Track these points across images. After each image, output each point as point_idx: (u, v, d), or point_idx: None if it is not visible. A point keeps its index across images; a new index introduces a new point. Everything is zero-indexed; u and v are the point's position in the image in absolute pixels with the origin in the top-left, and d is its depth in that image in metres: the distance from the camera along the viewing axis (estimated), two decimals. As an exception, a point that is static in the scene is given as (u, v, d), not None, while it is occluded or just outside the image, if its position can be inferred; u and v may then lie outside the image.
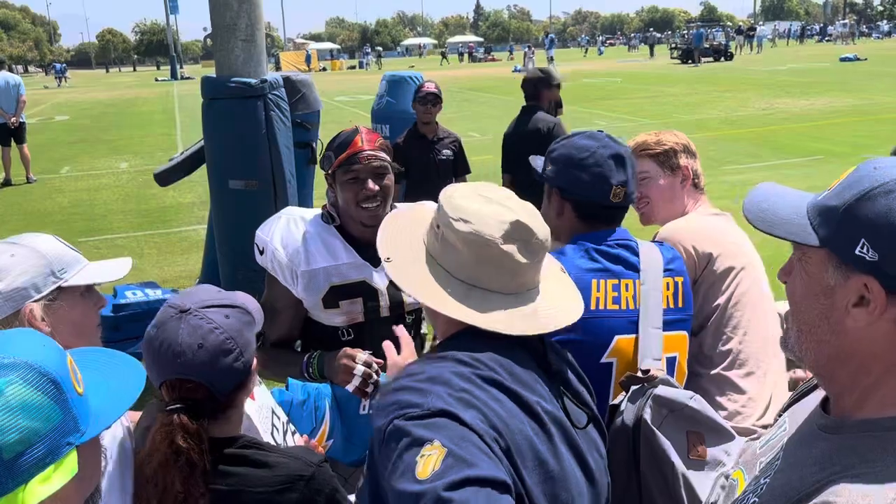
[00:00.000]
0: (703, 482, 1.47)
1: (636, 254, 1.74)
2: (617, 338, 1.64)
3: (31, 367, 0.90)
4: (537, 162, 1.91)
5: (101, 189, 11.49)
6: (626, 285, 1.68)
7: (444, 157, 5.40)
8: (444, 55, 64.60)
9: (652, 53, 48.85)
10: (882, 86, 21.81)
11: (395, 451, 1.03)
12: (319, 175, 2.25)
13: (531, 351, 1.26)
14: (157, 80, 48.12)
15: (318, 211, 2.27)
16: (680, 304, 1.74)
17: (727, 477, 1.47)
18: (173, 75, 49.01)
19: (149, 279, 6.04)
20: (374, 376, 1.71)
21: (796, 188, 1.06)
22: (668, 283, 1.74)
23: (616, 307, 1.65)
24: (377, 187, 2.12)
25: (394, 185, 2.20)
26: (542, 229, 1.29)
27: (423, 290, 1.26)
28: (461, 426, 1.04)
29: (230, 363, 1.37)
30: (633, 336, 1.65)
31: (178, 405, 1.33)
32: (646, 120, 16.52)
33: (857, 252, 0.90)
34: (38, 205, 10.40)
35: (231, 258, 4.29)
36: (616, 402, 1.59)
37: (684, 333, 1.76)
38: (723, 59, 39.97)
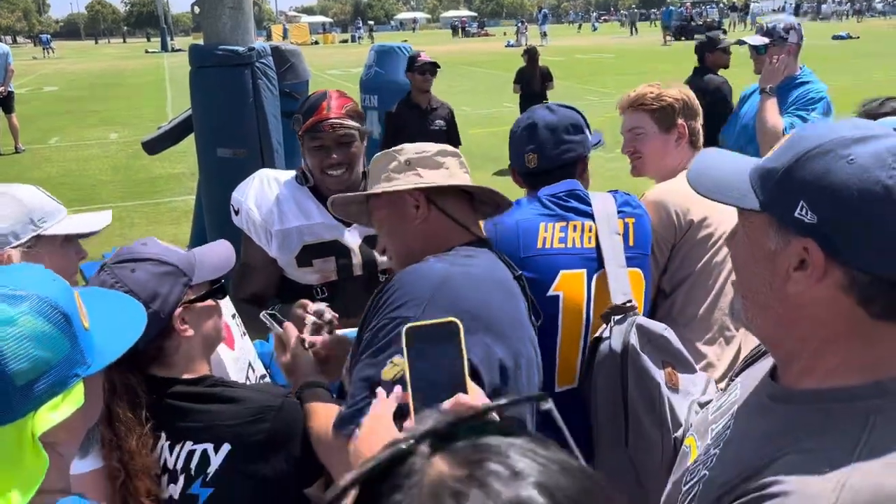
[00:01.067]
0: (681, 405, 1.61)
1: (586, 202, 1.86)
2: (562, 272, 1.77)
3: (43, 300, 0.94)
4: (598, 136, 2.10)
5: (90, 159, 11.46)
6: (574, 226, 1.81)
7: (436, 128, 5.44)
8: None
9: (633, 31, 47.58)
10: (872, 64, 21.83)
11: (383, 341, 1.32)
12: (301, 146, 2.29)
13: (504, 265, 1.55)
14: (147, 51, 47.61)
15: (293, 172, 2.31)
16: (631, 244, 1.86)
17: (700, 405, 1.58)
18: (164, 47, 48.47)
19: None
20: (327, 326, 1.76)
21: None
22: (620, 224, 1.86)
23: (562, 245, 1.78)
24: (340, 156, 2.14)
25: (362, 149, 2.23)
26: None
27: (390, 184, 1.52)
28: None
29: None
30: (580, 271, 1.78)
31: None
32: (637, 96, 16.49)
33: (796, 215, 0.88)
34: (26, 174, 10.37)
35: (219, 226, 4.32)
36: (598, 334, 1.71)
37: (638, 270, 1.86)
38: (716, 36, 39.78)
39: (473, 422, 0.57)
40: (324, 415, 1.37)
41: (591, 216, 1.84)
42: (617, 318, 1.68)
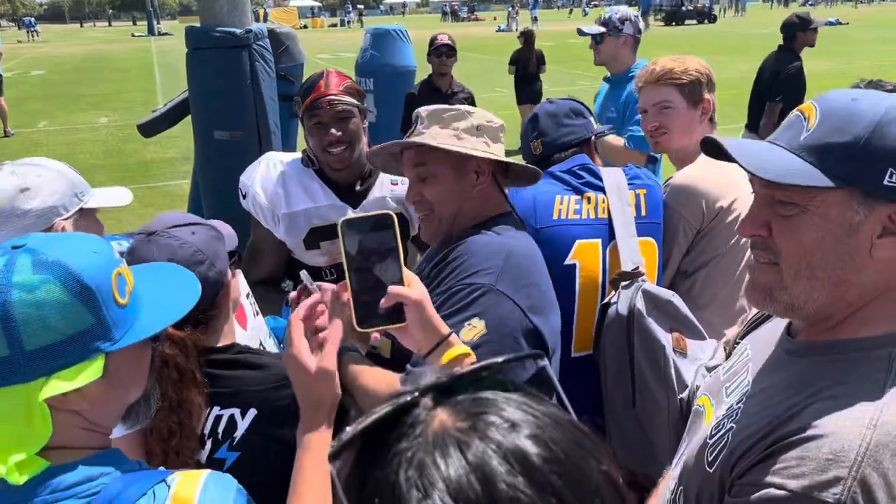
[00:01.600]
0: (688, 368, 1.66)
1: (597, 176, 1.93)
2: (578, 242, 1.84)
3: (68, 271, 0.94)
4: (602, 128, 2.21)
5: (80, 143, 11.39)
6: (588, 198, 1.89)
7: None
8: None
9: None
10: (860, 49, 21.93)
11: (460, 303, 1.40)
12: (303, 129, 2.31)
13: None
14: (133, 35, 47.08)
15: (298, 155, 2.32)
16: (643, 213, 1.92)
17: (708, 368, 1.64)
18: (150, 31, 47.94)
19: (130, 231, 6.07)
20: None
21: None
22: (631, 196, 1.93)
23: (577, 216, 1.86)
24: (339, 132, 2.13)
25: (362, 127, 2.22)
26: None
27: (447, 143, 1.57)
28: (514, 309, 1.43)
29: (204, 272, 1.43)
30: (595, 240, 1.85)
31: None
32: (628, 81, 16.53)
33: (886, 182, 0.90)
34: (16, 158, 10.28)
35: (216, 208, 4.34)
36: (606, 300, 1.78)
37: (651, 239, 1.92)
38: (706, 21, 39.84)
39: (473, 377, 0.61)
40: (376, 375, 1.36)
41: (602, 189, 1.90)
42: (624, 283, 1.74)
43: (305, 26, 54.13)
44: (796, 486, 0.85)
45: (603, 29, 3.69)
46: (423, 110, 1.63)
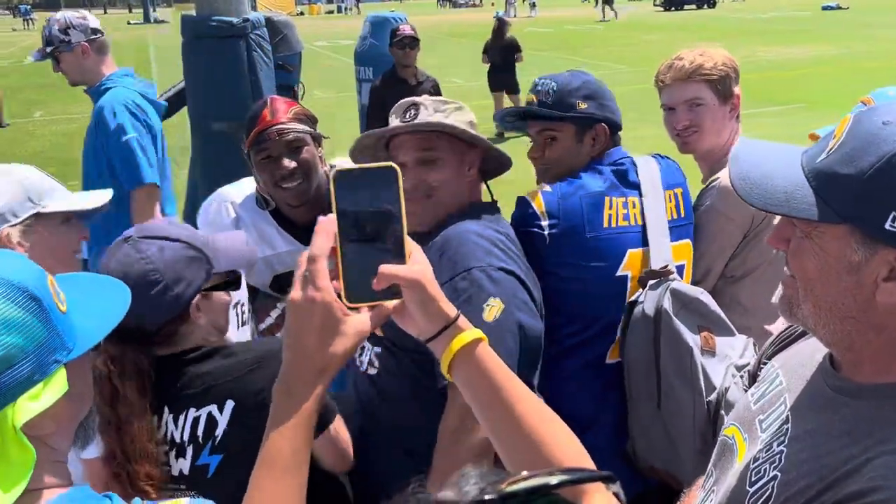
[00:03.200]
0: (715, 369, 1.62)
1: (635, 171, 1.85)
2: (629, 251, 1.76)
3: (11, 284, 0.89)
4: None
5: (76, 134, 11.28)
6: (633, 203, 1.81)
7: None
8: None
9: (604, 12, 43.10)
10: (861, 34, 21.82)
11: (469, 292, 1.49)
12: (250, 166, 2.11)
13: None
14: (129, 23, 46.80)
15: (252, 191, 2.11)
16: (682, 214, 1.87)
17: (738, 368, 1.58)
18: (146, 18, 47.66)
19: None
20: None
21: (776, 137, 0.97)
22: (669, 196, 1.86)
23: (626, 223, 1.78)
24: (293, 163, 1.93)
25: (317, 155, 2.02)
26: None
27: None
28: (515, 281, 1.55)
29: (156, 295, 1.36)
30: (642, 249, 1.78)
31: None
32: (624, 66, 16.43)
33: (887, 227, 0.81)
34: (12, 149, 10.23)
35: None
36: (633, 298, 1.73)
37: (688, 241, 1.87)
38: (706, 6, 39.64)
39: (525, 498, 0.53)
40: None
41: (636, 186, 1.83)
42: (652, 282, 1.70)
43: (302, 13, 53.79)
44: None
45: (48, 49, 3.25)
46: (424, 99, 1.70)
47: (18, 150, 10.16)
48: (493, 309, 1.47)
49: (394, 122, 1.70)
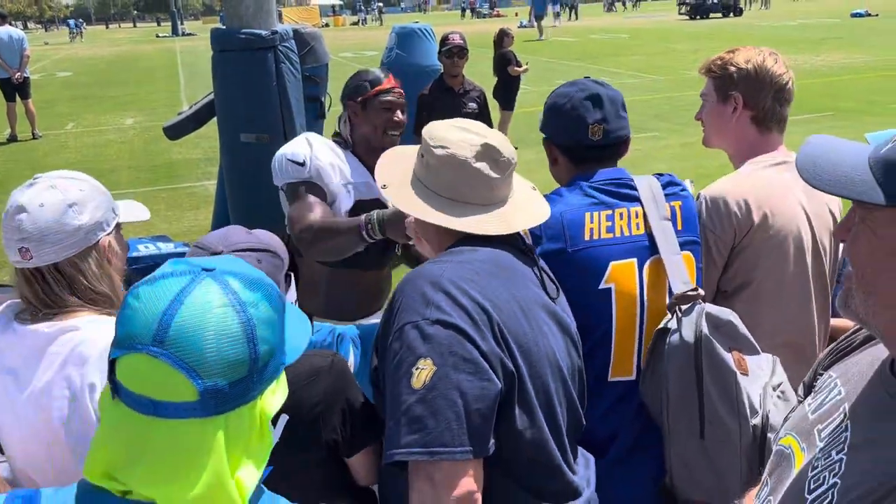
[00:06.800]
0: (753, 390, 1.58)
1: (632, 187, 1.80)
2: (612, 264, 1.72)
3: (272, 287, 0.98)
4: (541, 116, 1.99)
5: (107, 145, 11.48)
6: (620, 214, 1.75)
7: (469, 111, 5.39)
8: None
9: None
10: (892, 41, 21.49)
11: (400, 353, 1.28)
12: (328, 129, 2.45)
13: (513, 249, 1.52)
14: (158, 36, 47.57)
15: (325, 137, 2.52)
16: (679, 227, 1.80)
17: (774, 388, 1.55)
18: (174, 31, 48.40)
19: (159, 234, 6.08)
20: None
21: None
22: (666, 209, 1.81)
23: (610, 235, 1.73)
24: (404, 118, 2.44)
25: None
26: (507, 149, 1.53)
27: (411, 205, 1.51)
28: (454, 334, 1.28)
29: None
30: (630, 260, 1.73)
31: None
32: (651, 76, 16.34)
33: None
34: (44, 160, 10.40)
35: (244, 212, 4.32)
36: (663, 325, 1.68)
37: (689, 254, 1.80)
38: (732, 14, 39.33)
39: None
40: None
41: (637, 200, 1.78)
42: (684, 307, 1.64)
43: (327, 24, 54.29)
44: None
45: None
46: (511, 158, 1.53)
47: (52, 161, 10.34)
48: (422, 373, 1.24)
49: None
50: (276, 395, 0.97)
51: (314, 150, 2.37)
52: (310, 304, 2.45)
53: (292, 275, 1.59)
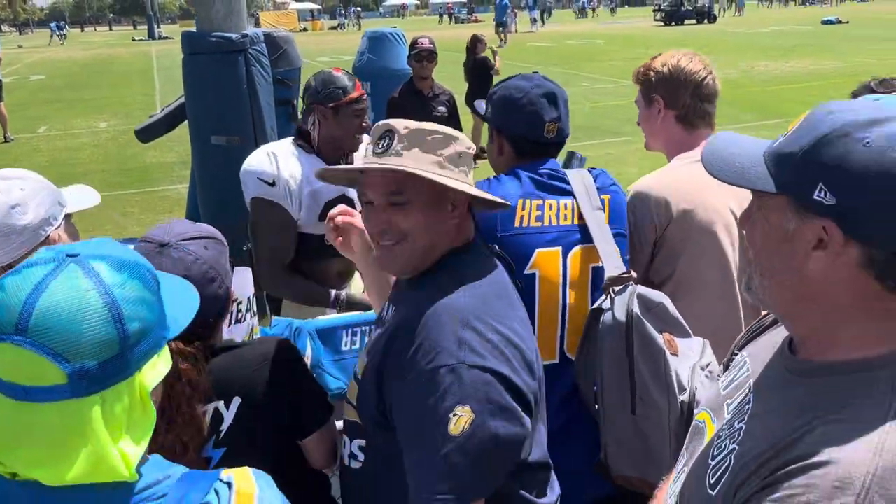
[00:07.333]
0: (682, 368, 1.65)
1: (565, 181, 1.88)
2: (538, 251, 1.80)
3: (143, 265, 1.01)
4: (481, 105, 2.06)
5: (80, 148, 11.39)
6: (550, 205, 1.83)
7: (438, 114, 5.46)
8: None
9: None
10: (861, 48, 21.92)
11: (434, 396, 1.27)
12: (325, 116, 2.56)
13: (493, 257, 1.53)
14: (134, 39, 47.19)
15: (288, 142, 2.63)
16: (606, 221, 1.88)
17: (702, 367, 1.62)
18: (151, 35, 48.05)
19: (131, 236, 6.07)
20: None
21: None
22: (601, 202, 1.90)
23: (538, 224, 1.81)
24: (370, 122, 2.57)
25: None
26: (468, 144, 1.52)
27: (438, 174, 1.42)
28: (492, 379, 1.28)
29: (214, 291, 1.45)
30: (555, 248, 1.81)
31: None
32: (627, 81, 16.52)
33: (815, 196, 0.90)
34: (16, 164, 10.21)
35: (214, 212, 4.33)
36: (597, 305, 1.75)
37: (616, 246, 1.87)
38: (706, 21, 39.84)
39: None
40: None
41: (570, 193, 1.86)
42: (617, 289, 1.72)
43: (305, 29, 54.14)
44: None
45: None
46: (400, 126, 1.43)
47: (24, 164, 10.13)
48: (460, 420, 1.24)
49: (367, 147, 1.49)
50: (156, 368, 0.99)
51: (280, 168, 2.51)
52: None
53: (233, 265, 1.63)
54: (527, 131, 1.90)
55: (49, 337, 0.88)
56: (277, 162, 2.52)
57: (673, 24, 39.07)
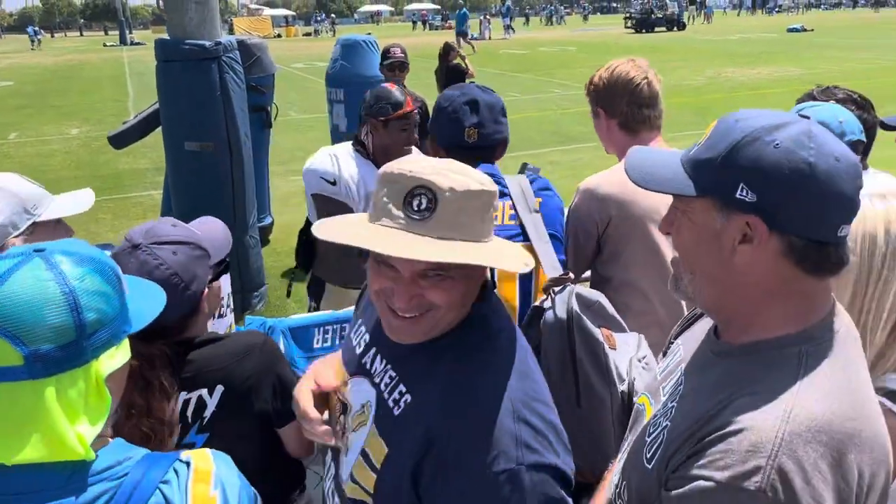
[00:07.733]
0: (621, 360, 1.76)
1: (502, 184, 1.99)
2: None
3: (105, 263, 1.08)
4: None
5: (51, 155, 11.32)
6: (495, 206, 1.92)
7: None
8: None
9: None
10: (824, 55, 22.43)
11: (499, 495, 1.16)
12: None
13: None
14: (105, 45, 46.67)
15: (348, 146, 2.96)
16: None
17: (639, 360, 1.73)
18: (122, 41, 47.57)
19: (105, 242, 6.08)
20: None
21: None
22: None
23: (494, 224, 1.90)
24: (416, 136, 2.96)
25: None
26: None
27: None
28: (548, 477, 1.19)
29: (177, 296, 1.49)
30: None
31: None
32: (598, 88, 16.74)
33: (737, 195, 1.01)
34: (-14, 171, 10.20)
35: (187, 217, 4.38)
36: (538, 303, 1.84)
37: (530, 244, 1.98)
38: (675, 28, 40.43)
39: None
40: None
41: (507, 195, 1.97)
42: (556, 289, 1.82)
43: (279, 35, 53.94)
44: (722, 476, 0.95)
45: None
46: (443, 186, 1.16)
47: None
48: None
49: (386, 205, 1.19)
50: (114, 358, 1.06)
51: (342, 169, 2.83)
52: (325, 273, 3.08)
53: (227, 262, 1.71)
54: (450, 137, 2.06)
55: (8, 321, 0.96)
56: (339, 163, 2.83)
57: (643, 31, 39.61)
